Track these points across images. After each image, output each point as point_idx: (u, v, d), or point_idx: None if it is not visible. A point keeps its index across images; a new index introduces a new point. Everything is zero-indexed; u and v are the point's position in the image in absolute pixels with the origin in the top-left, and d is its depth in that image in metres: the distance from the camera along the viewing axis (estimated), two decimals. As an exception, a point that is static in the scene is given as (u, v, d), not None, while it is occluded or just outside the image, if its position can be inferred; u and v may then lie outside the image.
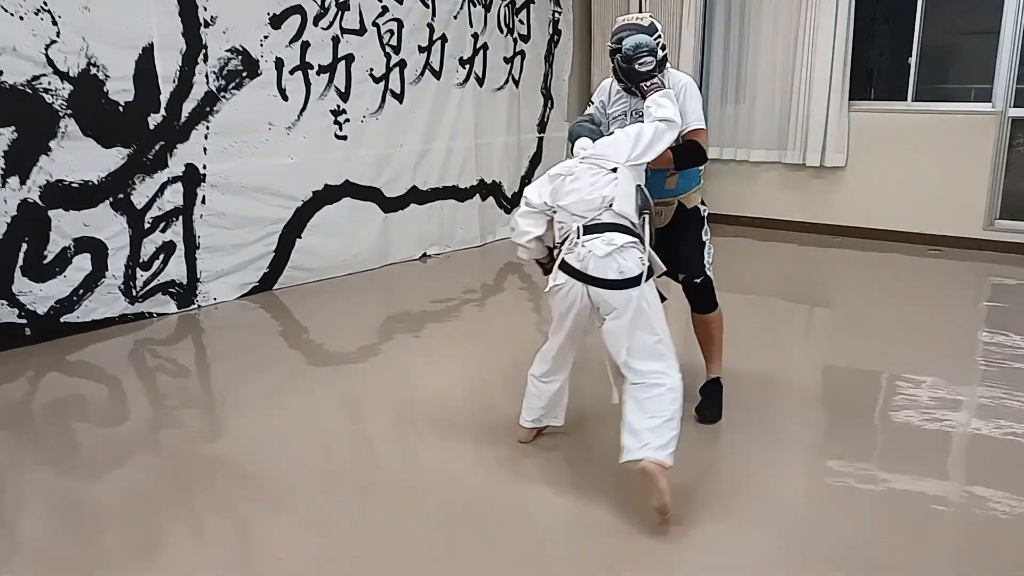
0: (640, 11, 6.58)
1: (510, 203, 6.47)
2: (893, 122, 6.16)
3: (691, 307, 3.12)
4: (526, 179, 6.59)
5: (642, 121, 2.74)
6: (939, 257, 5.79)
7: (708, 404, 3.08)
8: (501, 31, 6.13)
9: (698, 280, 3.01)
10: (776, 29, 6.39)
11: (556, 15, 6.64)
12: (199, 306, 4.51)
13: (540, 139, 6.71)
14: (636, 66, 2.76)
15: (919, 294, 5.05)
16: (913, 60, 6.01)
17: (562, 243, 2.58)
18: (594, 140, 2.77)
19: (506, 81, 6.25)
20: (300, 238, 4.96)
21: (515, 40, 6.28)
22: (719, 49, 6.69)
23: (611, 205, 2.52)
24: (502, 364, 3.79)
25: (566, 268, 2.52)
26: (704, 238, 3.06)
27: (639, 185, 2.61)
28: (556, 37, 6.68)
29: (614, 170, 2.60)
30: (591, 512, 2.49)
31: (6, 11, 3.55)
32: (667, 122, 2.67)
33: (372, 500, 2.60)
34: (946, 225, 6.00)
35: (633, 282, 2.43)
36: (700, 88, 6.34)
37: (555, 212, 2.63)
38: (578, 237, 2.50)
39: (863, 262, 5.80)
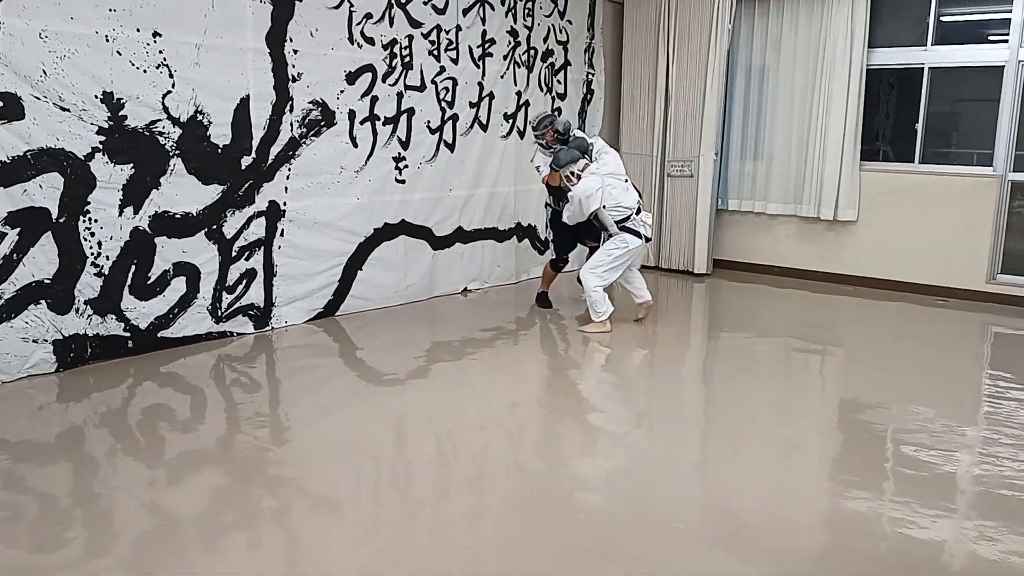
0: (667, 79, 7.14)
1: (544, 245, 6.92)
2: (901, 182, 6.42)
3: (559, 265, 5.63)
4: (560, 224, 7.08)
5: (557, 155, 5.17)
6: (944, 307, 6.03)
7: (545, 301, 5.79)
8: (541, 90, 6.67)
9: (596, 245, 5.26)
10: (793, 94, 6.80)
11: (590, 76, 7.21)
12: (272, 328, 4.94)
13: (573, 188, 7.20)
14: (570, 133, 5.25)
15: (926, 339, 5.30)
16: (920, 125, 6.36)
17: (622, 220, 4.97)
18: (590, 161, 5.05)
19: (545, 135, 6.77)
20: (361, 270, 5.39)
21: (553, 98, 6.82)
22: (739, 111, 7.13)
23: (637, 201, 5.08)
24: (532, 387, 4.19)
25: (638, 235, 4.99)
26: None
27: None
28: (589, 96, 7.23)
29: (626, 181, 5.08)
30: (587, 531, 2.82)
31: (133, 65, 4.07)
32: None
33: (415, 506, 2.88)
34: (951, 278, 6.21)
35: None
36: (722, 145, 7.12)
37: (604, 207, 4.97)
38: (635, 216, 5.00)
39: (873, 309, 6.01)
